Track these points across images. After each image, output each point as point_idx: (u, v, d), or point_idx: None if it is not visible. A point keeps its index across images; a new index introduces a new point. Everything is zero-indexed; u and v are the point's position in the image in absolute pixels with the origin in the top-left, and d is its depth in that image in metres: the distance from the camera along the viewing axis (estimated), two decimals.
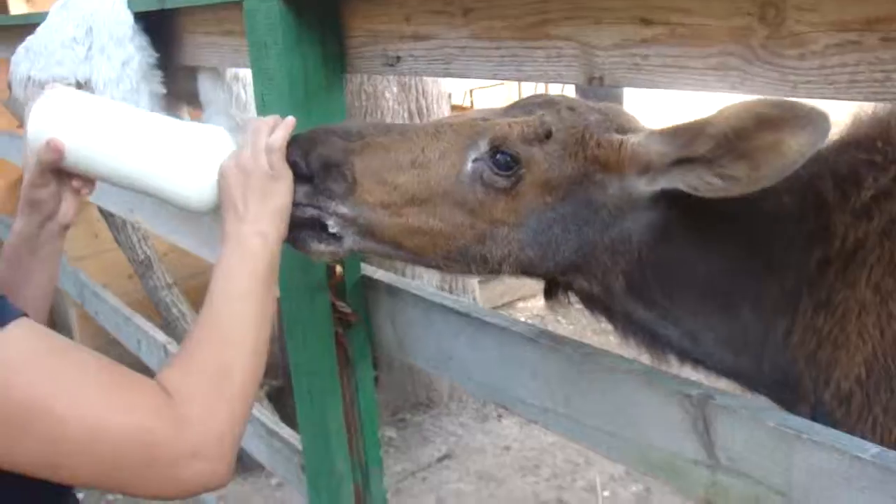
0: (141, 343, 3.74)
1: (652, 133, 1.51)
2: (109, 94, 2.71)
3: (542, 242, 1.56)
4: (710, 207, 1.46)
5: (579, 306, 1.73)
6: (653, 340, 1.68)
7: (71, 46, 2.90)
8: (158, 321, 4.50)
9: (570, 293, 1.70)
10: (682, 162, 1.45)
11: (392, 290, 2.04)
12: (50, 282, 1.82)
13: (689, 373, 1.59)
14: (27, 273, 1.76)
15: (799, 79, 1.16)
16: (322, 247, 1.63)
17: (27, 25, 3.41)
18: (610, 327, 1.72)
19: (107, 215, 4.83)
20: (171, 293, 4.75)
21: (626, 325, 1.68)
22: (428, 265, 1.68)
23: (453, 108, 7.50)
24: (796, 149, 1.28)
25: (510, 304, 6.10)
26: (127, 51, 2.72)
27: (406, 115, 4.22)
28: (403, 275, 4.40)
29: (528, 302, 6.20)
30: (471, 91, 8.74)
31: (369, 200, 1.58)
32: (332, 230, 1.61)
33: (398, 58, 1.81)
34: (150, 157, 1.68)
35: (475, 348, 1.81)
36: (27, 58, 3.09)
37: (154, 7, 2.58)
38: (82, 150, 1.66)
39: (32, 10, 5.11)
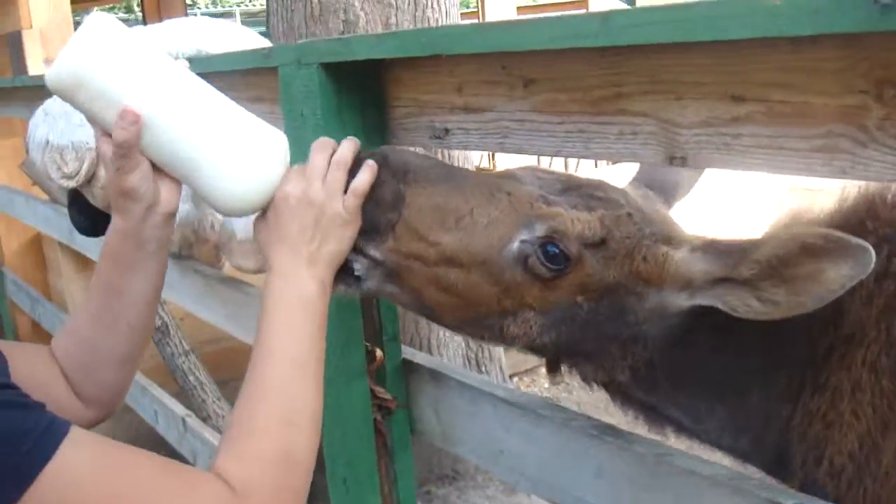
0: (158, 415, 3.62)
1: (696, 248, 1.47)
2: None
3: (561, 332, 1.53)
4: (730, 316, 1.43)
5: None
6: (653, 416, 1.65)
7: None
8: (174, 388, 4.38)
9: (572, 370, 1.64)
10: (723, 281, 1.42)
11: (436, 376, 1.91)
12: (160, 275, 1.63)
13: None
14: (134, 270, 1.58)
15: None
16: (341, 288, 1.58)
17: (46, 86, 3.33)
18: None
19: None
20: (188, 360, 4.62)
21: (626, 401, 1.65)
22: (440, 323, 1.64)
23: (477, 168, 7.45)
24: (837, 280, 1.27)
25: (534, 370, 5.99)
26: None
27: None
28: (429, 343, 4.29)
29: None
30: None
31: (404, 251, 1.54)
32: (356, 272, 1.57)
33: (447, 130, 1.70)
34: (207, 138, 1.51)
35: (529, 442, 1.69)
36: (45, 121, 3.01)
37: None
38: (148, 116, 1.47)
39: None
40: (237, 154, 1.52)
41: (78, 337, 1.62)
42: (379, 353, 1.93)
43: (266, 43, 2.85)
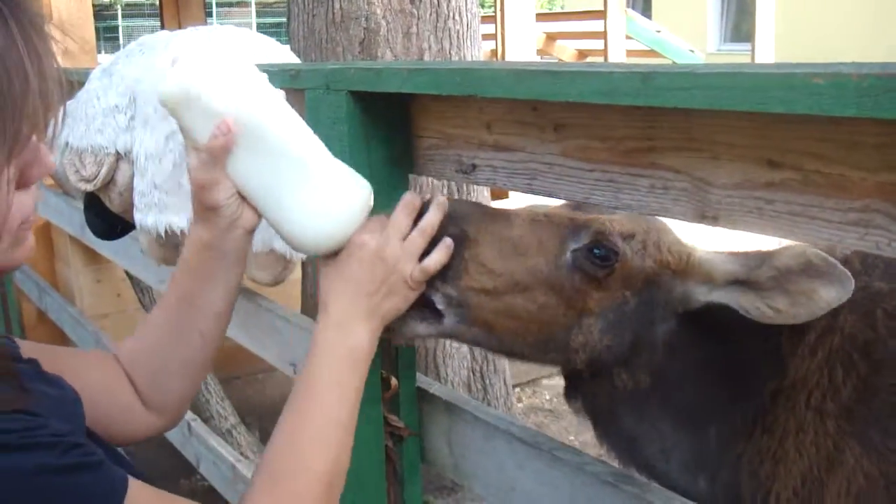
0: None
1: (716, 251, 1.64)
2: (151, 169, 2.59)
3: (614, 333, 1.64)
4: (712, 332, 1.65)
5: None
6: (628, 453, 1.75)
7: (112, 115, 2.80)
8: None
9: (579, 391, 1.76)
10: (739, 283, 1.58)
11: (450, 408, 1.91)
12: (236, 286, 1.64)
13: None
14: (211, 280, 1.59)
15: None
16: (422, 327, 1.65)
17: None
18: None
19: (132, 276, 4.73)
20: None
21: (609, 431, 1.77)
22: (510, 352, 1.75)
23: None
24: (825, 299, 1.47)
25: (535, 382, 6.00)
26: (171, 125, 2.61)
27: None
28: (435, 354, 4.29)
29: (551, 380, 6.09)
30: None
31: (476, 286, 1.61)
32: (438, 306, 1.62)
33: (474, 166, 1.70)
34: (294, 169, 1.53)
35: (542, 483, 1.68)
36: (65, 124, 2.99)
37: None
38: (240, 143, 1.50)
39: (67, 66, 5.04)
40: (321, 191, 1.54)
41: (148, 344, 1.62)
42: (394, 381, 1.93)
43: (290, 54, 2.85)
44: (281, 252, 2.51)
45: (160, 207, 2.59)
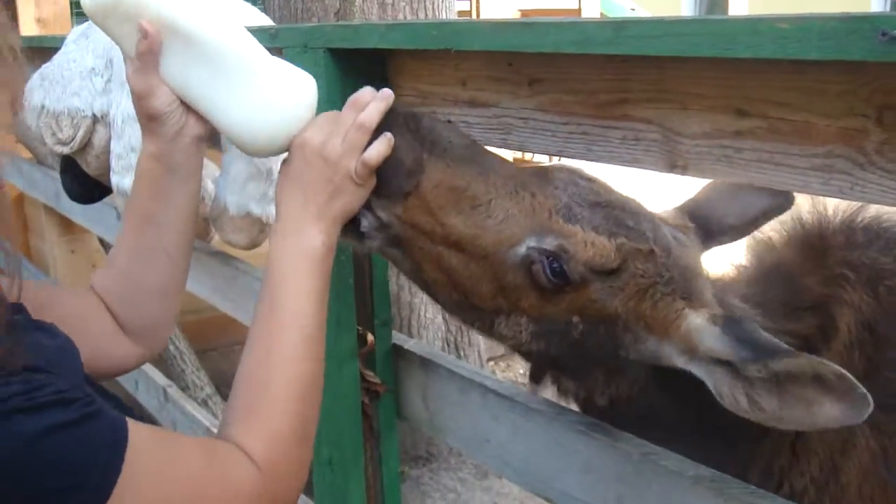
0: (138, 383, 3.63)
1: (716, 321, 1.41)
2: (128, 132, 2.60)
3: (550, 343, 1.52)
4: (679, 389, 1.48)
5: None
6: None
7: (89, 77, 2.80)
8: (155, 357, 4.37)
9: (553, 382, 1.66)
10: (725, 364, 1.37)
11: (425, 363, 1.94)
12: (194, 200, 1.62)
13: None
14: (166, 196, 1.58)
15: None
16: (344, 239, 1.55)
17: (39, 49, 3.32)
18: None
19: (107, 246, 4.72)
20: None
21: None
22: (434, 299, 1.63)
23: None
24: (829, 416, 1.26)
25: (510, 356, 5.99)
26: None
27: None
28: (410, 324, 4.31)
29: None
30: None
31: (412, 221, 1.51)
32: (362, 229, 1.55)
33: (449, 122, 1.72)
34: (232, 68, 1.50)
35: (517, 434, 1.71)
36: (42, 86, 2.99)
37: None
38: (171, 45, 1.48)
39: (44, 33, 5.01)
40: (261, 88, 1.51)
41: (117, 271, 1.62)
42: (370, 337, 1.95)
43: (266, 17, 2.85)
44: (257, 215, 2.52)
45: None
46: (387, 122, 1.49)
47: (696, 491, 1.39)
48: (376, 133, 1.49)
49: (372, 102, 1.51)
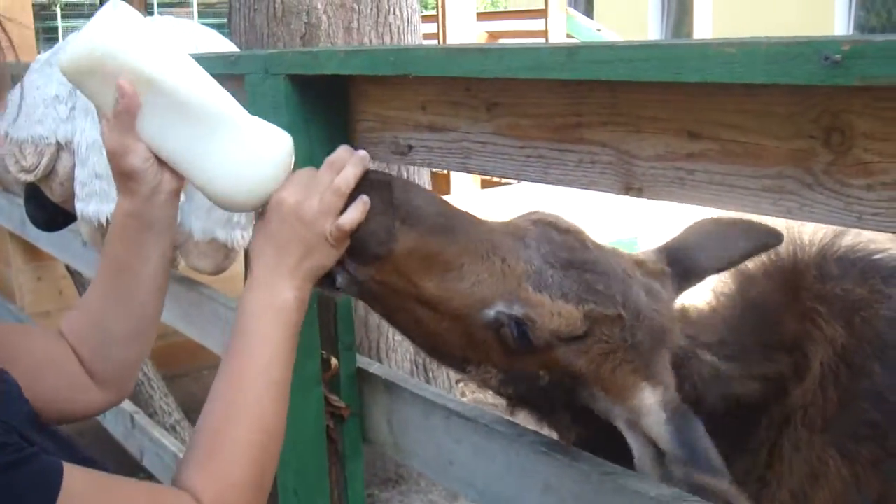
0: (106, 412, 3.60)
1: (667, 406, 1.45)
2: (92, 159, 2.60)
3: (519, 389, 1.57)
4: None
5: None
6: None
7: (53, 105, 2.81)
8: None
9: None
10: (656, 446, 1.43)
11: (390, 387, 1.94)
12: (169, 250, 1.62)
13: None
14: (142, 249, 1.57)
15: (866, 210, 1.08)
16: (318, 288, 1.58)
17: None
18: None
19: (73, 273, 4.70)
20: None
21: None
22: (406, 336, 1.68)
23: None
24: None
25: None
26: None
27: None
28: (378, 347, 4.31)
29: None
30: None
31: (386, 281, 1.54)
32: (336, 284, 1.57)
33: (410, 147, 1.73)
34: (214, 136, 1.50)
35: (479, 455, 1.72)
36: (3, 114, 2.98)
37: None
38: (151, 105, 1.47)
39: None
40: (238, 146, 1.51)
41: (89, 317, 1.61)
42: (334, 361, 1.96)
43: (230, 44, 2.86)
44: (222, 240, 2.52)
45: (101, 196, 2.60)
46: (361, 188, 1.52)
47: None
48: (352, 194, 1.51)
49: (348, 166, 1.53)
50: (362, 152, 1.57)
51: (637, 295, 1.55)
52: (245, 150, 1.52)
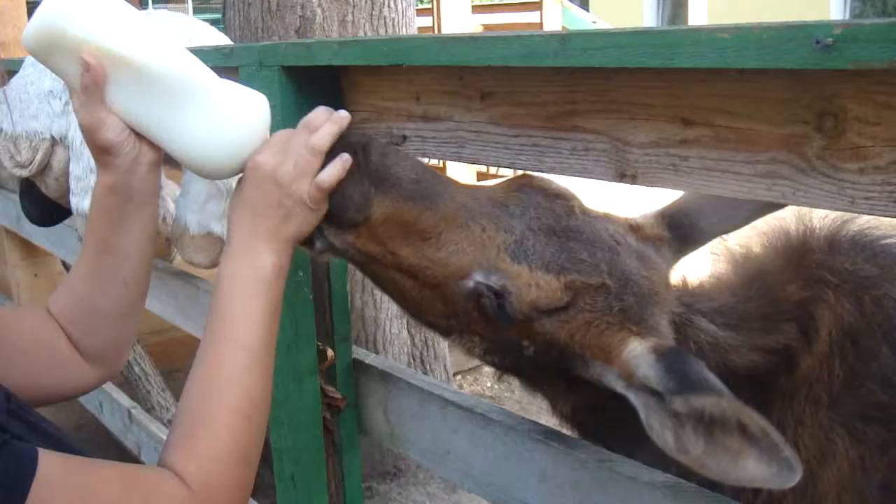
0: (103, 406, 3.61)
1: (656, 350, 1.38)
2: (87, 153, 2.59)
3: (505, 358, 1.54)
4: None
5: None
6: (588, 439, 1.63)
7: (47, 100, 2.80)
8: (118, 378, 4.35)
9: None
10: (657, 394, 1.34)
11: (385, 377, 1.94)
12: (152, 223, 1.59)
13: None
14: (125, 224, 1.55)
15: (858, 194, 1.09)
16: (302, 247, 1.56)
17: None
18: None
19: (70, 268, 4.69)
20: (133, 351, 4.60)
21: (563, 420, 1.66)
22: (390, 297, 1.64)
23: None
24: (753, 473, 1.20)
25: (477, 369, 6.01)
26: None
27: None
28: (375, 340, 4.31)
29: None
30: None
31: (364, 248, 1.51)
32: (315, 248, 1.56)
33: (404, 137, 1.73)
34: (183, 103, 1.48)
35: (476, 445, 1.72)
36: None
37: None
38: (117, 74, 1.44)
39: (3, 56, 4.98)
40: (210, 111, 1.49)
41: (75, 295, 1.59)
42: (330, 352, 1.96)
43: (224, 38, 2.86)
44: (218, 234, 2.52)
45: None
46: (338, 149, 1.49)
47: (652, 496, 1.41)
48: (329, 156, 1.48)
49: (325, 125, 1.50)
50: (342, 112, 1.53)
51: (625, 262, 1.51)
52: (217, 115, 1.50)
